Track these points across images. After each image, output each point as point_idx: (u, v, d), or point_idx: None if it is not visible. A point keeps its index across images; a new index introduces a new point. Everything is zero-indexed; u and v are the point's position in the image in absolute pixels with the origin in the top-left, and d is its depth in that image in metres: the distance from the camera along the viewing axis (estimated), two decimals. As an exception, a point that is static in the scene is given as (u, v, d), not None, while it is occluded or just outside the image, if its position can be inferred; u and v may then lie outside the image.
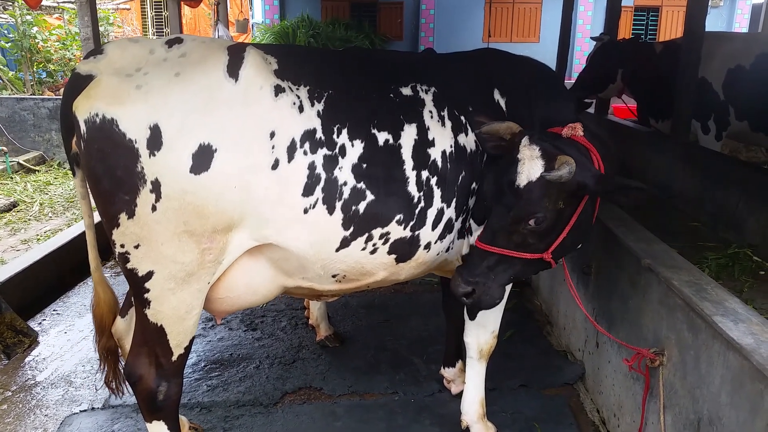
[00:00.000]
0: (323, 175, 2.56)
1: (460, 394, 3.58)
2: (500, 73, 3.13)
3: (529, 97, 3.06)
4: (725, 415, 2.42)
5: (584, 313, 3.22)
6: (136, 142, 2.27)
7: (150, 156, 2.29)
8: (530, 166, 2.53)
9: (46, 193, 8.80)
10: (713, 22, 17.87)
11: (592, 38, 7.69)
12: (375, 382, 4.02)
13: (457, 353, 3.85)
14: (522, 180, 2.53)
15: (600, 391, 3.70)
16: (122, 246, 2.43)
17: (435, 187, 2.78)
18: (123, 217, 2.36)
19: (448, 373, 3.93)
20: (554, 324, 4.73)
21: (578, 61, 17.62)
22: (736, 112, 5.79)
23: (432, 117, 2.80)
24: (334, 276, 2.84)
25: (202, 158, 2.33)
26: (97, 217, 2.73)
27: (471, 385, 3.42)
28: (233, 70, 2.43)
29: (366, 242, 2.73)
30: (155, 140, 2.28)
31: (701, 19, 4.07)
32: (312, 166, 2.53)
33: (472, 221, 2.98)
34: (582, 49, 17.71)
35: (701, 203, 4.92)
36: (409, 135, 2.72)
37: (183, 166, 2.32)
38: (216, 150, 2.35)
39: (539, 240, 2.62)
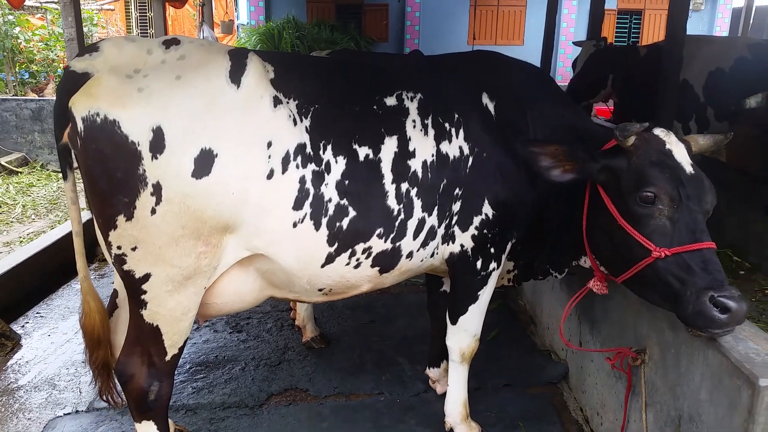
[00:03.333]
0: (311, 191, 2.56)
1: (445, 394, 3.60)
2: (490, 76, 3.11)
3: (520, 100, 3.04)
4: (705, 411, 2.46)
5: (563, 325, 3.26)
6: (138, 145, 2.25)
7: (152, 159, 2.27)
8: (683, 149, 2.57)
9: (29, 195, 8.71)
10: (695, 26, 18.08)
11: (574, 43, 7.75)
12: (361, 382, 4.04)
13: (442, 353, 3.85)
14: (687, 164, 2.53)
15: (583, 389, 3.74)
16: (119, 248, 2.41)
17: (415, 198, 2.78)
18: (121, 219, 2.34)
19: (433, 373, 3.95)
20: (538, 324, 4.77)
21: (562, 64, 17.76)
22: (716, 113, 5.87)
23: (415, 127, 2.80)
24: (320, 290, 2.86)
25: (204, 163, 2.33)
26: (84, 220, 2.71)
27: (454, 388, 3.45)
28: (235, 76, 2.42)
29: (350, 257, 2.74)
30: (158, 143, 2.26)
31: (682, 23, 4.11)
32: (302, 180, 2.54)
33: (456, 228, 2.97)
34: (566, 51, 17.83)
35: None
36: (389, 148, 2.72)
37: (185, 170, 2.31)
38: (217, 155, 2.34)
39: None
